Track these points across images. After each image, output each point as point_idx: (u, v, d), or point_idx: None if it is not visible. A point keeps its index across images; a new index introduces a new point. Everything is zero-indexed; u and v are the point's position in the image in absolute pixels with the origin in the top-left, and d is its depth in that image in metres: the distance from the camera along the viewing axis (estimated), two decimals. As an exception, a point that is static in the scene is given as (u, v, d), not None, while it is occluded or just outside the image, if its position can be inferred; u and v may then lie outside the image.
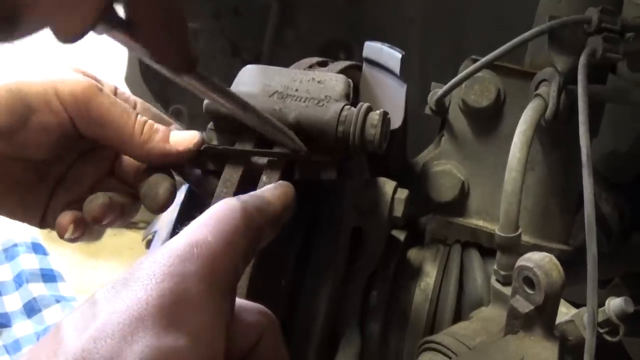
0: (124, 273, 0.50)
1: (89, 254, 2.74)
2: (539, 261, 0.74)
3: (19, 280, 2.28)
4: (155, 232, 2.56)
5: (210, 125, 0.84)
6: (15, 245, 2.36)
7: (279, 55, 1.83)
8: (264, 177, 0.78)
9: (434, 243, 1.08)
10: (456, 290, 1.01)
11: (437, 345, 0.84)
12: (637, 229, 1.47)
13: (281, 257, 0.88)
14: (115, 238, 2.83)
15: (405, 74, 0.96)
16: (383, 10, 1.85)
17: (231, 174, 0.78)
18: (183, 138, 0.81)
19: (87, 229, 0.83)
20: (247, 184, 0.78)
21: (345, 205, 0.88)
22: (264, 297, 0.83)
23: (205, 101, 0.82)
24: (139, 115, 0.81)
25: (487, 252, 1.05)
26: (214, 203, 0.76)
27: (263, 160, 0.78)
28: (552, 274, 0.74)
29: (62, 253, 2.61)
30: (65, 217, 0.81)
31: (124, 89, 1.82)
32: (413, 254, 1.05)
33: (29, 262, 2.33)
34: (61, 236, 0.82)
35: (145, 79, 1.77)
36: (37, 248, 2.40)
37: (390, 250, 1.00)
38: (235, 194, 0.77)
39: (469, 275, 1.04)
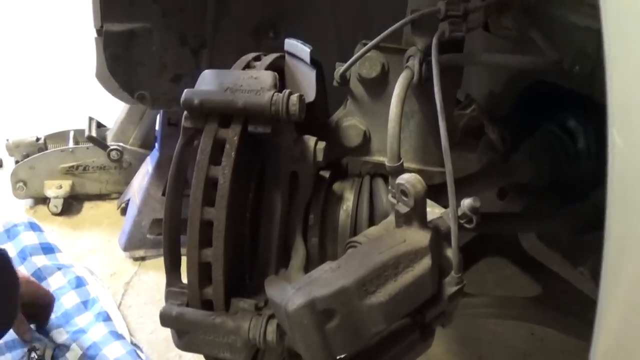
0: None
1: (72, 227, 3.03)
2: (408, 178, 1.12)
3: (23, 255, 2.54)
4: (128, 199, 2.92)
5: (185, 113, 1.22)
6: (15, 225, 2.64)
7: (219, 40, 2.15)
8: (227, 145, 1.17)
9: (351, 177, 1.45)
10: (368, 208, 1.38)
11: (354, 243, 1.22)
12: (514, 150, 1.85)
13: (244, 198, 1.27)
14: (92, 210, 3.14)
15: (315, 60, 1.32)
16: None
17: (205, 145, 1.17)
18: None
19: None
20: (217, 150, 1.17)
21: (283, 157, 1.26)
22: (236, 225, 1.22)
23: (182, 97, 1.19)
24: None
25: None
26: (197, 166, 1.16)
27: (226, 134, 1.17)
28: (417, 186, 1.11)
29: (49, 229, 2.89)
30: None
31: (95, 86, 2.14)
32: (336, 186, 1.41)
33: (29, 238, 2.60)
34: None
35: (112, 73, 2.09)
36: (34, 226, 2.68)
37: (319, 185, 1.36)
38: (210, 157, 1.16)
39: (377, 196, 1.40)
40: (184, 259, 1.23)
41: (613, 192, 0.77)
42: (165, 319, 1.21)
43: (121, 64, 2.08)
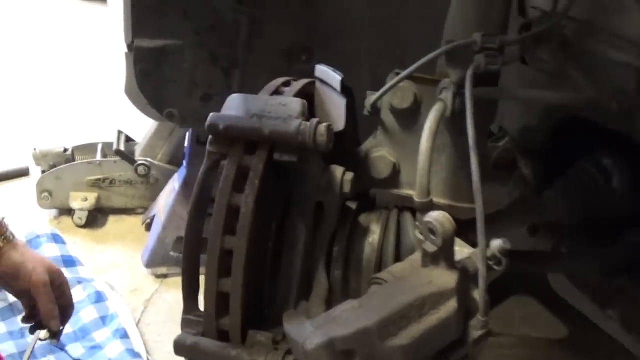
0: None
1: (96, 240, 3.01)
2: (437, 216, 1.08)
3: (44, 267, 2.54)
4: (154, 215, 2.90)
5: (210, 137, 1.19)
6: (38, 236, 2.62)
7: (251, 60, 2.12)
8: (251, 173, 1.14)
9: (378, 209, 1.41)
10: (395, 242, 1.34)
11: (378, 280, 1.18)
12: (548, 186, 1.81)
13: (267, 226, 1.24)
14: (117, 224, 3.12)
15: (346, 87, 1.30)
16: (334, 15, 2.13)
17: (229, 171, 1.15)
18: None
19: None
20: (241, 177, 1.14)
21: (309, 187, 1.23)
22: (257, 254, 1.19)
23: (207, 122, 1.17)
24: None
25: (418, 213, 1.38)
26: (219, 193, 1.13)
27: (250, 161, 1.14)
28: (445, 225, 1.08)
29: (72, 241, 2.86)
30: None
31: (125, 99, 2.13)
32: (363, 218, 1.37)
33: (51, 250, 2.59)
34: None
35: (142, 90, 2.07)
36: (56, 238, 2.67)
37: (345, 216, 1.32)
38: (233, 185, 1.13)
39: (405, 231, 1.36)
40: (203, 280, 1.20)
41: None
42: (180, 348, 1.18)
43: (151, 80, 2.07)
